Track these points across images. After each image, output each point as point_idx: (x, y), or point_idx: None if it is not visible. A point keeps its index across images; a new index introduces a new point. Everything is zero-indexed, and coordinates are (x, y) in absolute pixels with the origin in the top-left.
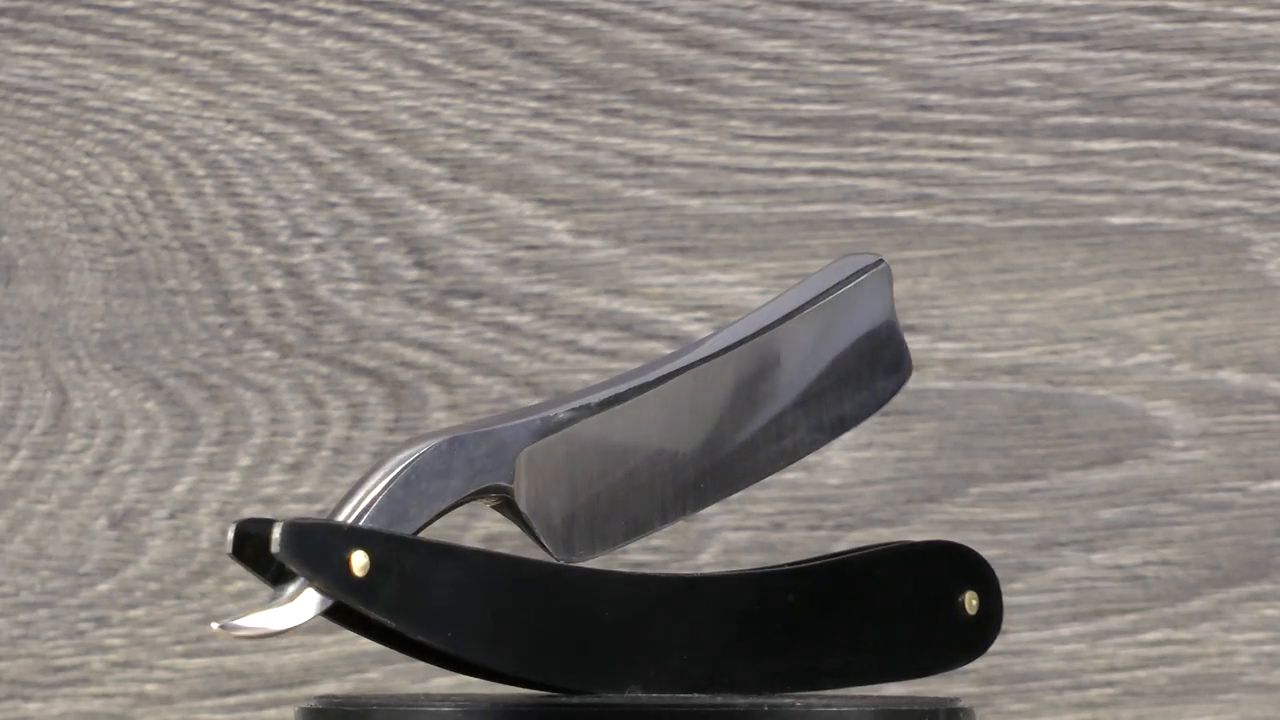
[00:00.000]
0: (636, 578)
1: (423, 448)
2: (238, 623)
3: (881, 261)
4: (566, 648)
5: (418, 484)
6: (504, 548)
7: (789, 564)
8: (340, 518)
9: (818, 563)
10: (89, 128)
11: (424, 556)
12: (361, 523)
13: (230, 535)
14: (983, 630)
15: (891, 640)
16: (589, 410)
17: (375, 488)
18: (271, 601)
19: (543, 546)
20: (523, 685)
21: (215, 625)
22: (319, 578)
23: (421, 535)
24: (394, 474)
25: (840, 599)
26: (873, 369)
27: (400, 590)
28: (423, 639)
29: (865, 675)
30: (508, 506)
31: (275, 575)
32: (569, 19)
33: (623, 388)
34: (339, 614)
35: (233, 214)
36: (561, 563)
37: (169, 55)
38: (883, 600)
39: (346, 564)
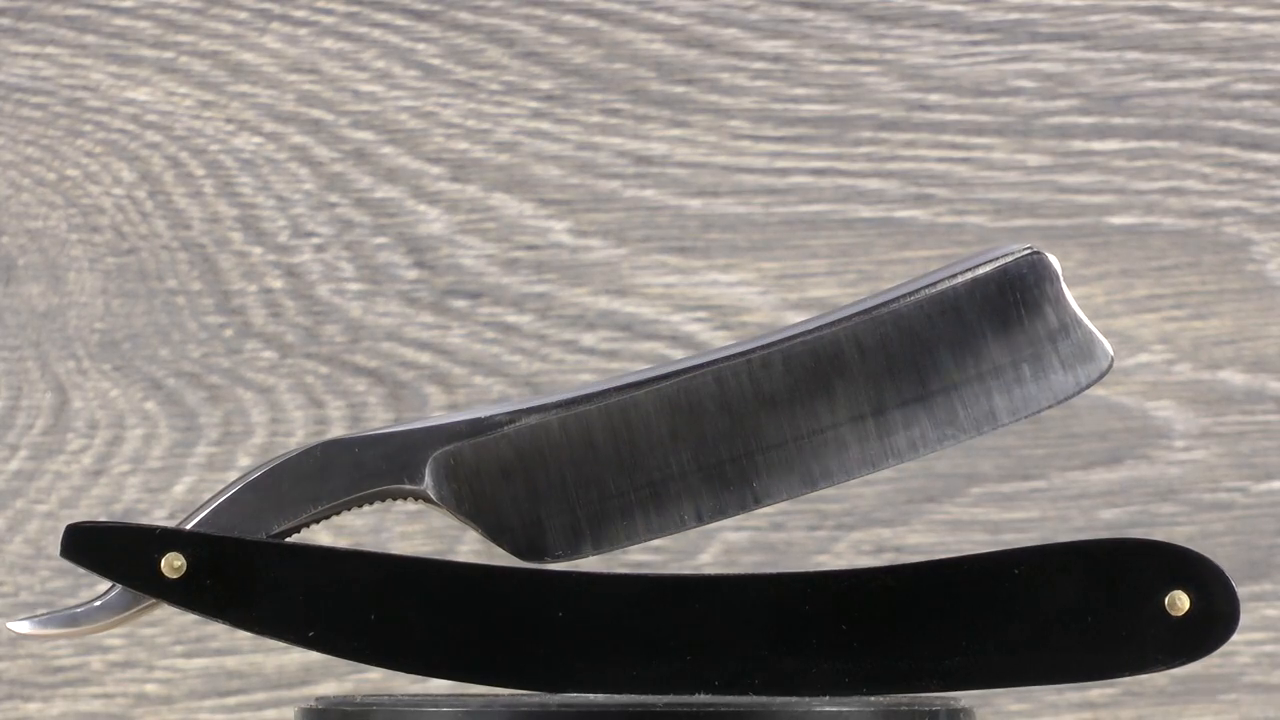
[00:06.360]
0: (601, 578)
1: (290, 453)
2: (15, 623)
3: (1033, 251)
4: (483, 648)
5: (275, 488)
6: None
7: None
8: (190, 524)
9: (933, 562)
10: (89, 128)
11: (265, 557)
12: (191, 525)
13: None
14: (1202, 632)
15: (1043, 642)
16: (546, 410)
17: (224, 494)
18: (87, 603)
19: (501, 547)
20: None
21: (9, 625)
22: (122, 580)
23: (293, 538)
24: (247, 479)
25: (959, 599)
26: (1040, 362)
27: (235, 590)
28: (271, 637)
29: (1000, 677)
30: (434, 508)
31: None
32: (569, 19)
33: (606, 387)
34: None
35: (233, 214)
36: (508, 565)
37: (169, 55)
38: (1029, 600)
39: (156, 565)
